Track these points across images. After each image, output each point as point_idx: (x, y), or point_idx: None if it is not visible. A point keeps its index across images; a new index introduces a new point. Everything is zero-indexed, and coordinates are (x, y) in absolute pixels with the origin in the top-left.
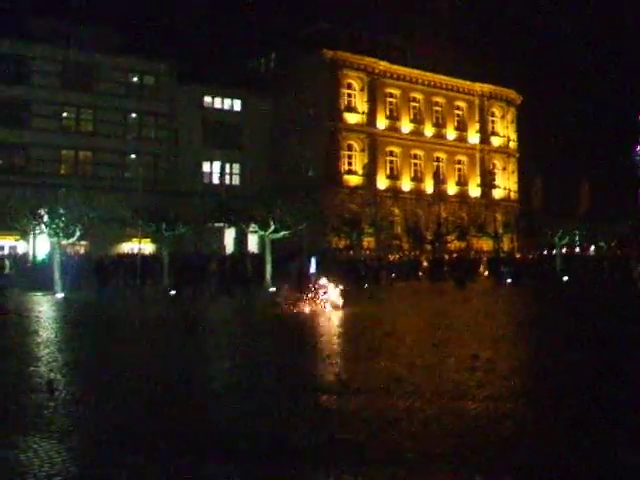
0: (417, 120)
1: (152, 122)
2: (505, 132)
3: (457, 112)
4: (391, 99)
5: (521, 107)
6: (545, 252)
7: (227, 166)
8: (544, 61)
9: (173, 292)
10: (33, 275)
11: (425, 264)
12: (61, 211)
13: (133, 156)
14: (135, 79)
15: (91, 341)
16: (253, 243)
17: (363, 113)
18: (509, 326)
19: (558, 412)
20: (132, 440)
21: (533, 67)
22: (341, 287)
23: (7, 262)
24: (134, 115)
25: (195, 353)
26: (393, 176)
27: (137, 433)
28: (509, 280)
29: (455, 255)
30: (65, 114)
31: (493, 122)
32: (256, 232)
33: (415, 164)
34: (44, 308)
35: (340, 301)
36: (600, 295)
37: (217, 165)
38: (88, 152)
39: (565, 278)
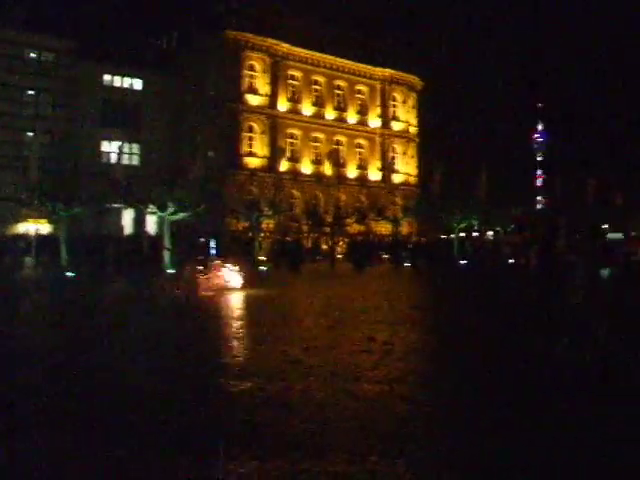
0: (318, 103)
1: (50, 100)
2: (406, 117)
3: (359, 96)
4: (293, 81)
5: (422, 92)
6: (444, 236)
7: (126, 146)
8: (446, 46)
9: (70, 274)
10: None
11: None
12: None
13: (30, 134)
14: (33, 55)
15: None
16: (152, 224)
17: (265, 95)
18: (406, 309)
19: (454, 394)
20: (19, 428)
21: (434, 52)
22: (238, 268)
23: None
24: (31, 92)
25: (88, 337)
26: (294, 159)
27: (22, 417)
28: (407, 264)
29: (354, 238)
30: None
31: (394, 107)
32: (155, 213)
33: (315, 147)
34: None
35: (239, 283)
36: (494, 278)
37: (116, 145)
38: None
39: (462, 262)
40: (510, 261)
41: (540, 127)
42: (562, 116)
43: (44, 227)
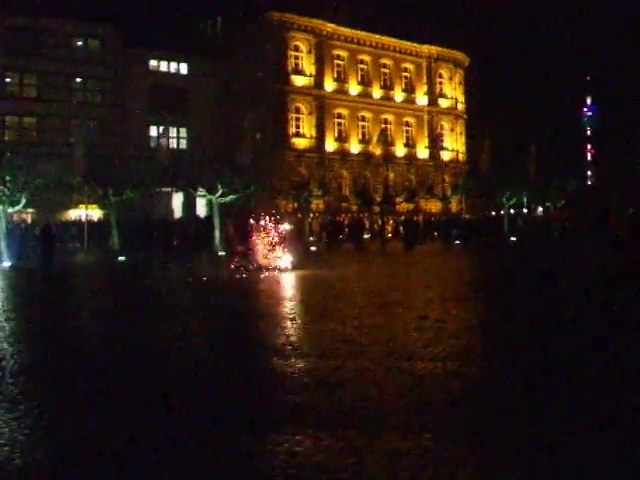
0: (365, 82)
1: (97, 86)
2: (453, 94)
3: (405, 74)
4: (338, 61)
5: (469, 69)
6: (493, 213)
7: (174, 130)
8: (492, 22)
9: (122, 258)
10: None
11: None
12: (7, 178)
13: (78, 121)
14: (80, 43)
15: (40, 310)
16: (201, 207)
17: (311, 75)
18: (458, 286)
19: (508, 371)
20: (83, 408)
21: (481, 28)
22: (290, 250)
23: None
24: (78, 80)
25: (144, 320)
26: (341, 138)
27: (88, 401)
28: (458, 241)
29: (403, 217)
30: (8, 79)
31: (441, 84)
32: (204, 196)
33: (363, 126)
34: None
35: (290, 264)
36: (545, 254)
37: (164, 129)
38: (32, 118)
39: (513, 239)
40: (559, 237)
41: (589, 101)
42: (611, 89)
43: (95, 212)
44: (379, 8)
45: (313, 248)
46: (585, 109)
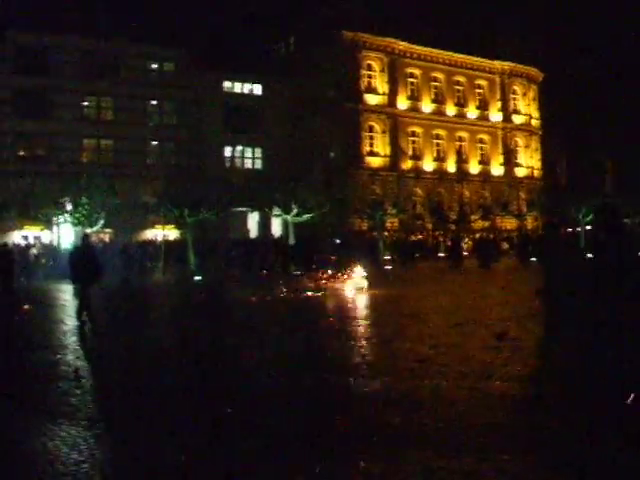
0: (438, 100)
1: (172, 108)
2: (527, 110)
3: (478, 91)
4: (412, 79)
5: (543, 84)
6: (570, 230)
7: (249, 150)
8: (566, 37)
9: (198, 278)
10: (59, 264)
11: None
12: (84, 199)
13: (154, 143)
14: (154, 66)
15: (118, 328)
16: (277, 227)
17: (384, 94)
18: (533, 304)
19: (588, 393)
20: (159, 427)
21: (554, 43)
22: (364, 269)
23: (34, 250)
24: (154, 102)
25: (218, 336)
26: (415, 156)
27: (164, 420)
28: (534, 259)
29: (478, 235)
30: (86, 103)
31: (515, 100)
32: (280, 216)
33: (437, 144)
34: (70, 297)
35: (365, 283)
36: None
37: (239, 149)
38: (109, 140)
39: (589, 255)
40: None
41: None
42: None
43: (171, 232)
44: (451, 25)
45: (388, 267)
46: None
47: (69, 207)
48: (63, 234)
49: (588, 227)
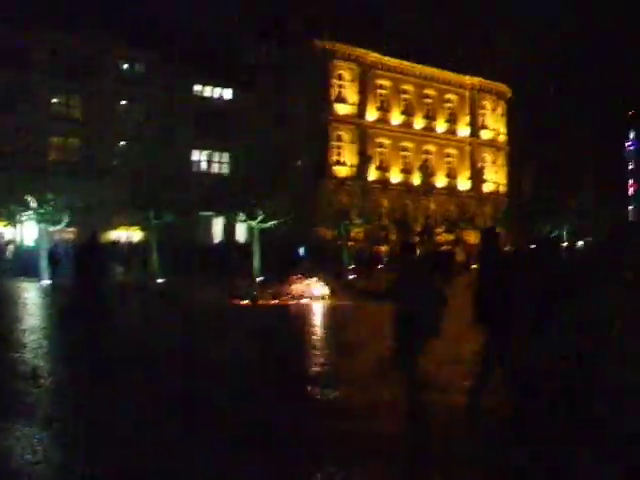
0: (407, 112)
1: (143, 109)
2: (495, 125)
3: (447, 105)
4: (382, 90)
5: (511, 101)
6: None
7: (217, 155)
8: (534, 54)
9: (160, 280)
10: (20, 261)
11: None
12: (49, 197)
13: (122, 143)
14: (125, 66)
15: (77, 328)
16: (242, 233)
17: (353, 104)
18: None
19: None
20: (118, 428)
21: (523, 61)
22: (324, 278)
23: (11, 247)
24: (124, 102)
25: (178, 340)
26: (382, 168)
27: (124, 422)
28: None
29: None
30: (54, 100)
31: (483, 115)
32: (245, 222)
33: (405, 156)
34: (30, 295)
35: (325, 292)
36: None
37: (207, 154)
38: (77, 139)
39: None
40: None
41: (632, 135)
42: None
43: (136, 234)
44: (423, 38)
45: (351, 277)
46: (628, 143)
47: (33, 204)
48: (26, 231)
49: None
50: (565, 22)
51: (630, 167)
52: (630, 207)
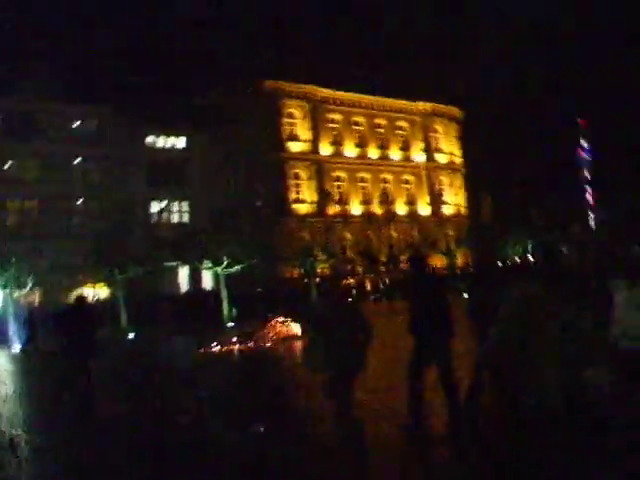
0: (361, 143)
1: (96, 166)
2: (449, 148)
3: (400, 132)
4: (334, 125)
5: (464, 122)
6: (500, 264)
7: (175, 204)
8: (483, 74)
9: (131, 335)
10: None
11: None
12: (12, 262)
13: (79, 202)
14: (76, 124)
15: (52, 394)
16: (207, 280)
17: (307, 141)
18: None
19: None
20: None
21: (473, 80)
22: (297, 316)
23: None
24: (78, 160)
25: (155, 399)
26: (342, 201)
27: None
28: (465, 295)
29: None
30: (8, 164)
31: (437, 139)
32: (210, 268)
33: (363, 187)
34: (1, 362)
35: (298, 331)
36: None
37: (165, 204)
38: (34, 201)
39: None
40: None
41: (585, 144)
42: (607, 132)
43: (102, 291)
44: (371, 69)
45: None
46: (582, 152)
47: None
48: None
49: (518, 259)
50: (514, 36)
51: (587, 176)
52: (591, 215)
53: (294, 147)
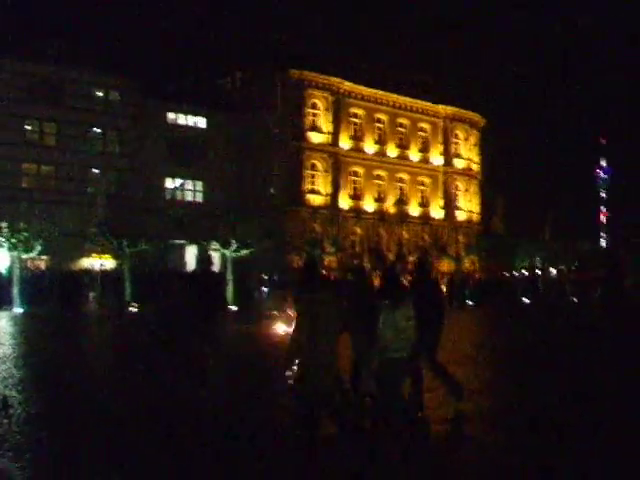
0: (381, 141)
1: (116, 137)
2: (468, 154)
3: (421, 134)
4: (355, 119)
5: (484, 130)
6: (507, 274)
7: (190, 183)
8: (508, 84)
9: (133, 309)
10: None
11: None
12: (22, 225)
13: (96, 171)
14: (100, 93)
15: (50, 357)
16: (215, 261)
17: (327, 133)
18: (468, 348)
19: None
20: (91, 458)
21: (496, 90)
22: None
23: None
24: (98, 130)
25: (151, 371)
26: (356, 196)
27: (97, 451)
28: (470, 302)
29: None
30: (28, 127)
31: (456, 144)
32: (218, 250)
33: (378, 185)
34: (1, 323)
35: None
36: (560, 317)
37: (180, 182)
38: (51, 166)
39: (526, 300)
40: (574, 299)
41: (604, 163)
42: (626, 152)
43: (109, 262)
44: (397, 67)
45: None
46: (599, 171)
47: (5, 231)
48: None
49: (525, 272)
50: (538, 52)
51: (602, 195)
52: (602, 234)
53: (314, 138)
